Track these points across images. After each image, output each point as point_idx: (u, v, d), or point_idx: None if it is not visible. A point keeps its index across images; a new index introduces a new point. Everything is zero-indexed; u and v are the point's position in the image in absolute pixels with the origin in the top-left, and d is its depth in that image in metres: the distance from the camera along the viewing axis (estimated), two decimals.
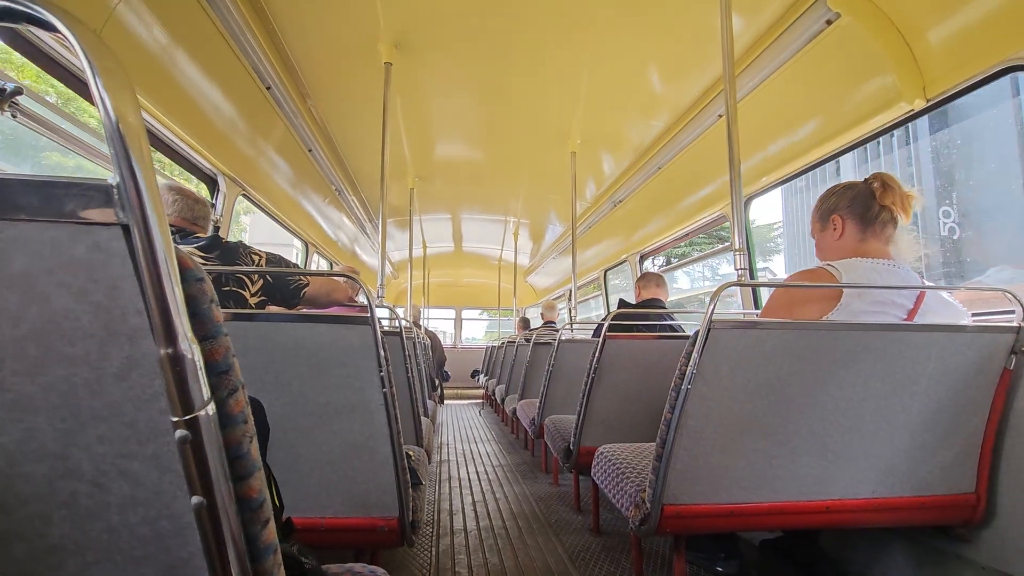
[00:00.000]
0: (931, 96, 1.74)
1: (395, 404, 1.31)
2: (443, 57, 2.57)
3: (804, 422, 1.24)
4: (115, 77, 0.34)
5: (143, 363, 0.39)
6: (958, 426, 1.29)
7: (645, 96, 2.83)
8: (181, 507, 0.41)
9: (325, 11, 2.20)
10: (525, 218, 5.75)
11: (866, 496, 1.29)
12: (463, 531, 2.13)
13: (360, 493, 1.33)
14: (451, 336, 9.61)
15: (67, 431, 0.40)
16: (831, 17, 1.81)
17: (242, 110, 2.57)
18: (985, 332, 1.24)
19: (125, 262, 0.37)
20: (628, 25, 2.22)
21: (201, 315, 0.40)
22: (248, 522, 0.44)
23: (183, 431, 0.38)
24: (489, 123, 3.38)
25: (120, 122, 0.34)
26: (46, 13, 0.33)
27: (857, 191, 1.38)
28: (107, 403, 0.39)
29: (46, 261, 0.37)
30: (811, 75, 2.10)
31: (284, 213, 3.74)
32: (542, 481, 2.94)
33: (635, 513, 1.35)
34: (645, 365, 2.15)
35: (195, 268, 0.40)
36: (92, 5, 1.55)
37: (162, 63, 1.96)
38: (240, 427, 0.43)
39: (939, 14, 1.63)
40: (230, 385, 0.42)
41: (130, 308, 0.38)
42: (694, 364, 1.17)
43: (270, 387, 1.24)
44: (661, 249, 4.39)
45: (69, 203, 0.35)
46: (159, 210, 0.36)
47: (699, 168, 3.17)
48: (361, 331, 1.26)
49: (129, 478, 0.41)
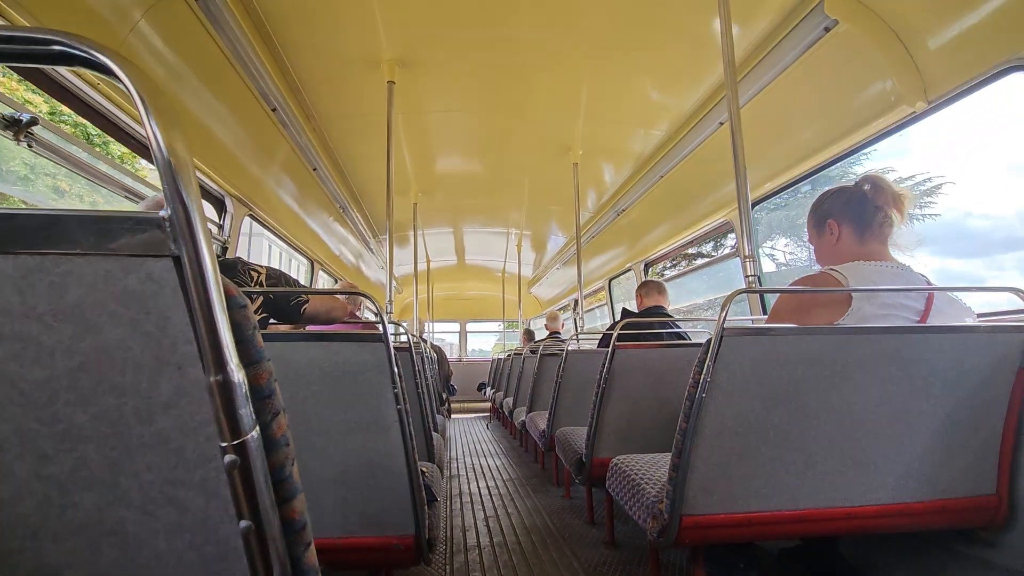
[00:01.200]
0: (932, 98, 1.76)
1: (409, 420, 1.31)
2: (445, 74, 2.60)
3: (821, 428, 1.24)
4: (166, 116, 0.35)
5: (191, 391, 0.40)
6: (976, 427, 1.29)
7: (646, 105, 2.86)
8: (227, 532, 0.42)
9: (329, 33, 2.24)
10: (528, 230, 5.78)
11: (886, 501, 1.28)
12: (477, 547, 2.11)
13: (375, 512, 1.32)
14: (457, 349, 9.60)
15: (116, 460, 0.40)
16: (829, 24, 1.84)
17: (248, 132, 2.60)
18: (998, 332, 1.24)
19: (176, 293, 0.38)
20: (627, 36, 2.25)
21: (245, 341, 0.41)
22: (292, 544, 0.44)
23: (232, 456, 0.39)
24: (491, 137, 3.41)
25: (172, 158, 0.35)
26: (102, 57, 0.34)
27: (850, 194, 1.38)
28: (155, 431, 0.40)
29: (99, 293, 0.38)
30: (812, 81, 2.13)
31: (290, 232, 3.77)
32: (553, 494, 2.92)
33: (653, 524, 1.34)
34: (655, 374, 2.15)
35: (239, 296, 0.41)
36: (105, 33, 1.59)
37: (171, 87, 2.00)
38: (283, 450, 0.44)
39: (936, 18, 1.65)
40: (273, 409, 0.43)
41: (180, 337, 0.38)
42: (708, 372, 1.17)
43: (284, 406, 1.24)
44: (666, 257, 4.40)
45: (123, 237, 0.37)
46: (208, 241, 0.37)
47: (702, 175, 3.19)
48: (373, 348, 1.26)
49: (176, 505, 0.42)
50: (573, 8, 2.08)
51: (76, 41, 0.33)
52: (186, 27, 1.83)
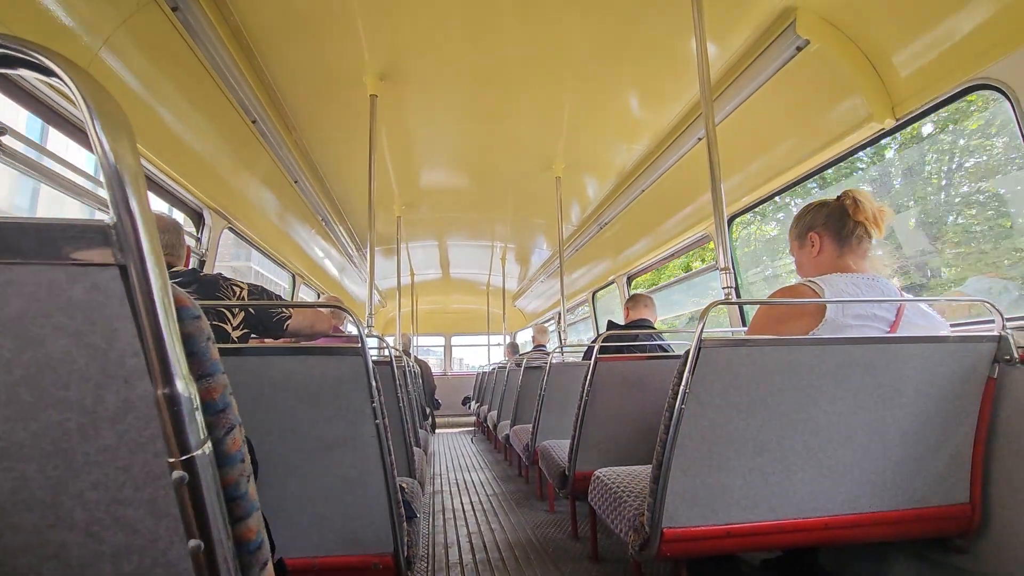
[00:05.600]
0: (900, 116, 1.82)
1: (388, 436, 1.29)
2: (428, 88, 2.61)
3: (798, 438, 1.25)
4: (113, 121, 0.34)
5: (139, 405, 0.38)
6: (947, 436, 1.31)
7: (627, 121, 2.90)
8: (177, 553, 0.40)
9: (310, 45, 2.24)
10: (512, 243, 5.79)
11: (863, 510, 1.29)
12: (459, 565, 2.07)
13: (353, 529, 1.29)
14: (442, 363, 9.53)
15: (59, 479, 0.39)
16: (801, 44, 1.89)
17: (228, 144, 2.58)
18: (967, 342, 1.27)
19: (123, 303, 0.36)
20: (607, 54, 2.29)
21: (198, 354, 0.40)
22: (246, 565, 0.43)
23: (180, 472, 0.37)
24: (474, 151, 3.43)
25: (119, 164, 0.34)
26: (44, 59, 0.33)
27: (831, 208, 1.42)
28: (101, 447, 0.39)
29: (42, 304, 0.36)
30: (785, 98, 2.18)
31: (271, 245, 3.72)
32: (538, 509, 2.89)
33: (635, 538, 1.33)
34: (638, 386, 2.15)
35: (191, 306, 0.40)
36: (79, 42, 1.57)
37: (147, 98, 1.97)
38: (237, 466, 0.42)
39: (902, 39, 1.71)
40: (227, 423, 0.42)
41: (127, 349, 0.37)
42: (686, 383, 1.17)
43: (259, 422, 1.21)
44: (648, 270, 4.44)
45: (66, 245, 0.35)
46: (156, 250, 0.36)
47: (681, 190, 3.24)
48: (352, 362, 1.24)
49: (123, 526, 0.40)
50: (555, 25, 2.12)
51: (16, 43, 0.32)
52: (163, 38, 1.82)
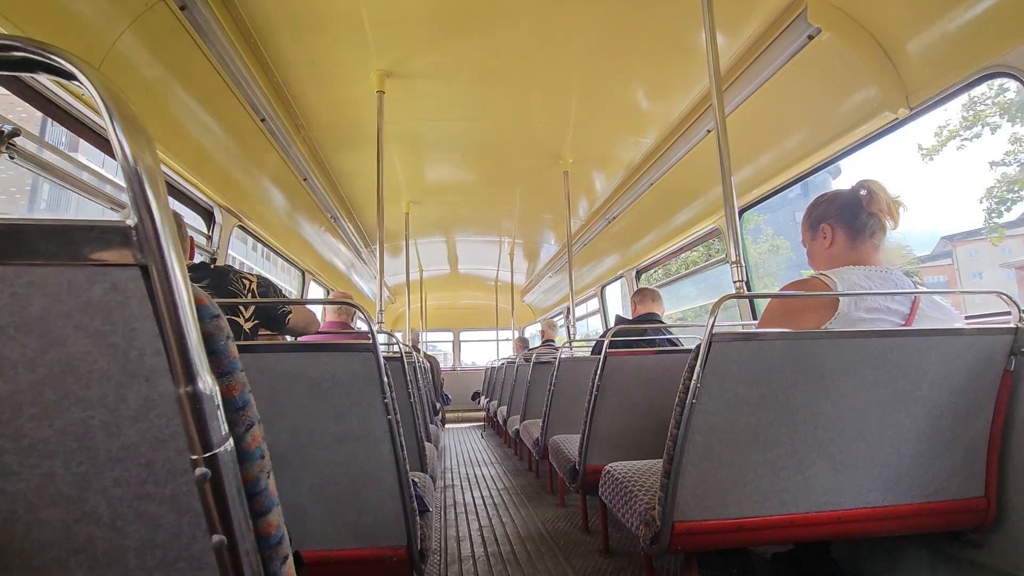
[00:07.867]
0: (914, 105, 1.79)
1: (400, 431, 1.29)
2: (434, 83, 2.61)
3: (810, 432, 1.24)
4: (132, 123, 0.35)
5: (160, 403, 0.39)
6: (963, 430, 1.29)
7: (635, 114, 2.88)
8: (200, 548, 0.41)
9: (318, 44, 2.24)
10: (520, 238, 5.79)
11: (876, 504, 1.28)
12: (471, 558, 2.09)
13: (367, 523, 1.31)
14: (451, 358, 9.56)
15: (83, 475, 0.39)
16: (812, 32, 1.86)
17: (237, 143, 2.59)
18: (983, 335, 1.25)
19: (143, 303, 0.37)
20: (615, 46, 2.27)
21: (218, 352, 0.41)
22: (268, 559, 0.43)
23: (203, 469, 0.38)
24: (481, 146, 3.42)
25: (138, 165, 0.34)
26: (64, 63, 0.34)
27: (844, 199, 1.39)
28: (124, 445, 0.39)
29: (63, 304, 0.37)
30: (797, 88, 2.15)
31: (280, 242, 3.75)
32: (548, 503, 2.90)
33: (646, 532, 1.33)
34: (647, 380, 2.15)
35: (210, 305, 0.41)
36: (90, 42, 1.58)
37: (158, 98, 1.99)
38: (258, 463, 0.43)
39: (916, 26, 1.68)
40: (247, 421, 0.42)
41: (147, 349, 0.38)
42: (698, 378, 1.17)
43: (272, 418, 1.23)
44: (656, 264, 4.42)
45: (87, 246, 0.36)
46: (177, 250, 0.36)
47: (690, 183, 3.22)
48: (363, 358, 1.25)
49: (147, 520, 0.41)
50: (562, 18, 2.10)
51: (37, 47, 0.33)
52: (173, 38, 1.83)
